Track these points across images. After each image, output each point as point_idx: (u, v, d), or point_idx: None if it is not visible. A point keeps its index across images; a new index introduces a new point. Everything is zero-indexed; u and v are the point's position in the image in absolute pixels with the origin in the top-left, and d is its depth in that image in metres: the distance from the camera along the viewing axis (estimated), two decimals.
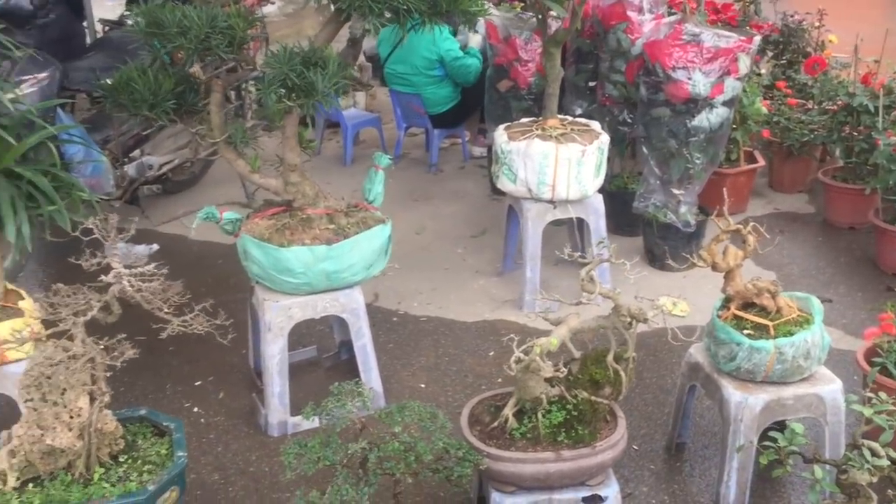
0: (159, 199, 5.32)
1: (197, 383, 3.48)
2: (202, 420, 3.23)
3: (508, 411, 2.38)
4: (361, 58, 6.73)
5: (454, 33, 5.77)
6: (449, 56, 5.54)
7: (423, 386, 3.40)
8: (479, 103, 5.65)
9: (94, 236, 2.33)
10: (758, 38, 3.94)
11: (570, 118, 4.07)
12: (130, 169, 4.94)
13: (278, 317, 3.08)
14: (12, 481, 2.15)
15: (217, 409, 3.31)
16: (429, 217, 5.04)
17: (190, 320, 2.28)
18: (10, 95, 2.68)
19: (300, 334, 3.60)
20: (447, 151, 6.16)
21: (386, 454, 2.07)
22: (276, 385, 3.11)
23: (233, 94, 5.31)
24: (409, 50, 5.54)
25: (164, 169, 5.20)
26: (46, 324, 2.22)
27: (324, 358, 3.63)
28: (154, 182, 5.21)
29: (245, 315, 3.44)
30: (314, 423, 3.13)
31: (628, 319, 2.38)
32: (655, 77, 3.92)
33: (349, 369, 3.49)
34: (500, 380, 3.37)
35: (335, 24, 3.05)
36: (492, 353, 3.60)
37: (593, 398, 2.38)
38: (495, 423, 2.41)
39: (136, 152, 5.05)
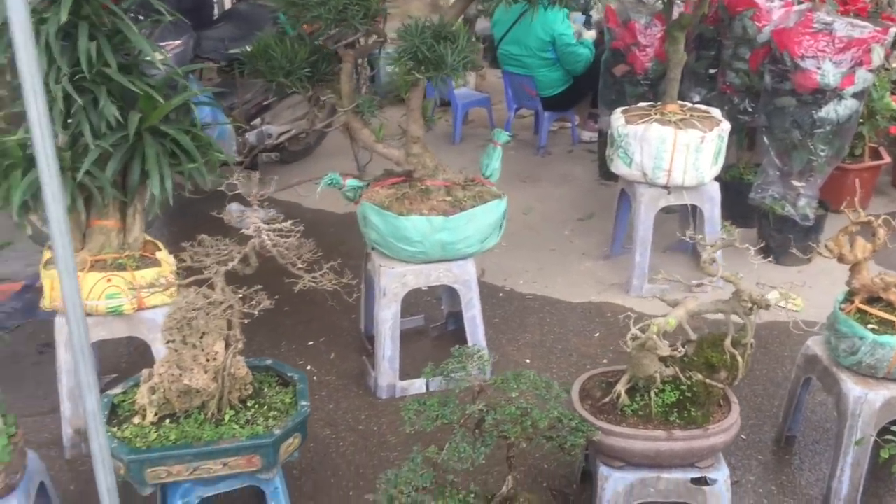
0: (275, 167, 5.51)
1: (310, 343, 3.62)
2: (314, 378, 3.36)
3: (621, 387, 2.40)
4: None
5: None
6: (562, 40, 5.53)
7: (528, 361, 3.45)
8: (591, 87, 5.64)
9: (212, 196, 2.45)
10: (894, 29, 3.80)
11: (689, 104, 4.03)
12: (251, 136, 5.15)
13: (393, 283, 3.18)
14: (151, 416, 2.30)
15: (328, 369, 3.44)
16: (536, 198, 5.07)
17: (319, 277, 2.38)
18: (160, 57, 2.83)
19: (409, 303, 3.68)
20: (556, 134, 6.16)
21: (502, 417, 2.12)
22: (388, 349, 3.21)
23: None
24: (524, 31, 5.56)
25: (282, 138, 5.40)
26: (190, 271, 2.35)
27: (431, 327, 3.72)
28: (272, 150, 5.41)
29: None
30: (421, 388, 3.24)
31: (749, 305, 2.36)
32: (782, 66, 3.83)
33: (456, 340, 3.55)
34: (605, 360, 3.39)
35: (463, 0, 3.10)
36: (597, 335, 3.62)
37: (708, 381, 2.38)
38: (606, 399, 2.43)
39: (257, 121, 5.25)
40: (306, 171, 5.40)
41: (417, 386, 3.24)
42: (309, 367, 3.44)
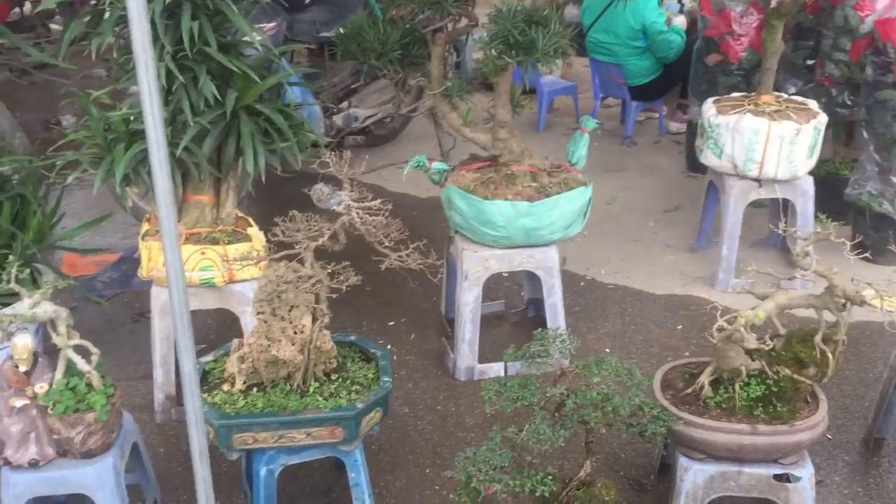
0: (360, 151, 5.58)
1: (391, 323, 3.68)
2: (394, 357, 3.41)
3: (705, 379, 2.37)
4: None
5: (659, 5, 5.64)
6: (653, 28, 5.43)
7: (607, 350, 3.43)
8: (680, 78, 5.54)
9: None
10: None
11: (784, 95, 3.92)
12: (338, 119, 5.24)
13: (475, 266, 3.20)
14: (239, 384, 2.38)
15: (408, 349, 3.49)
16: (620, 188, 5.01)
17: (405, 257, 2.42)
18: (259, 38, 2.91)
19: (489, 289, 3.69)
20: (642, 125, 6.07)
21: (583, 402, 2.12)
22: (468, 332, 3.24)
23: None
24: (614, 19, 5.49)
25: (368, 122, 5.47)
26: (280, 246, 2.42)
27: (511, 313, 3.73)
28: (357, 133, 5.48)
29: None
30: (500, 371, 3.26)
31: (843, 301, 2.30)
32: (885, 57, 3.69)
33: (535, 326, 3.54)
34: (686, 353, 3.35)
35: None
36: (680, 327, 3.57)
37: (796, 376, 2.32)
38: (689, 390, 2.40)
39: (344, 104, 5.34)
40: (391, 156, 5.45)
41: (496, 369, 3.26)
42: (389, 347, 3.48)
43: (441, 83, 3.14)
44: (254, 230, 3.05)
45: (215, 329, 3.59)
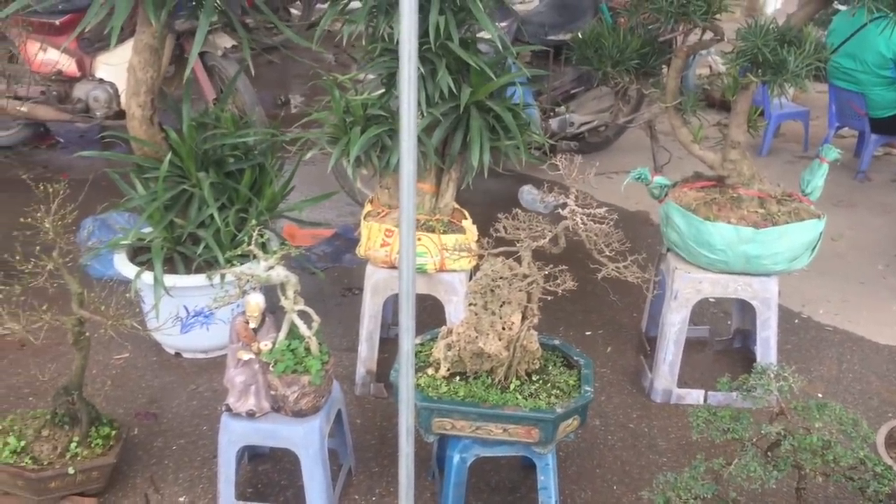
0: (571, 157, 5.55)
1: (587, 333, 3.63)
2: None
3: None
4: None
5: None
6: None
7: (819, 395, 3.20)
8: None
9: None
10: None
11: None
12: (554, 123, 5.24)
13: (687, 287, 3.09)
14: (444, 370, 2.44)
15: (603, 361, 3.43)
16: (848, 225, 4.67)
17: (623, 268, 2.38)
18: (498, 35, 2.95)
19: (694, 313, 3.55)
20: (879, 160, 5.63)
21: (802, 445, 1.99)
22: (670, 353, 3.14)
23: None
24: (863, 44, 5.11)
25: (583, 128, 5.43)
26: (498, 241, 2.45)
27: (716, 341, 3.58)
28: (571, 139, 5.46)
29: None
30: (698, 399, 3.14)
31: None
32: None
33: (740, 358, 3.41)
34: None
35: (816, 3, 2.91)
36: None
37: None
38: None
39: (562, 108, 5.33)
40: (601, 165, 5.39)
41: (694, 396, 3.14)
42: None
43: (675, 96, 3.05)
44: (468, 223, 3.11)
45: (417, 315, 3.69)
